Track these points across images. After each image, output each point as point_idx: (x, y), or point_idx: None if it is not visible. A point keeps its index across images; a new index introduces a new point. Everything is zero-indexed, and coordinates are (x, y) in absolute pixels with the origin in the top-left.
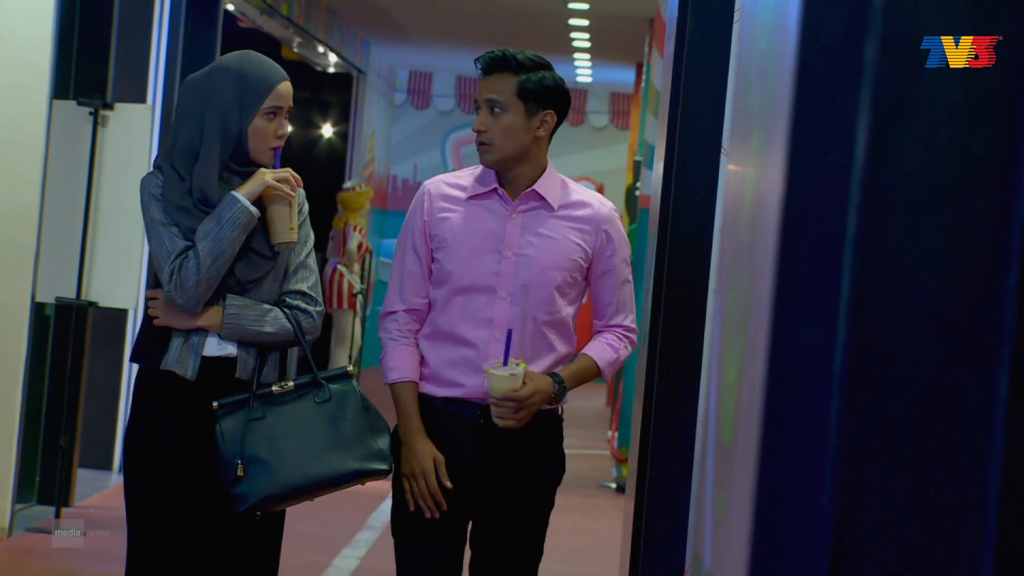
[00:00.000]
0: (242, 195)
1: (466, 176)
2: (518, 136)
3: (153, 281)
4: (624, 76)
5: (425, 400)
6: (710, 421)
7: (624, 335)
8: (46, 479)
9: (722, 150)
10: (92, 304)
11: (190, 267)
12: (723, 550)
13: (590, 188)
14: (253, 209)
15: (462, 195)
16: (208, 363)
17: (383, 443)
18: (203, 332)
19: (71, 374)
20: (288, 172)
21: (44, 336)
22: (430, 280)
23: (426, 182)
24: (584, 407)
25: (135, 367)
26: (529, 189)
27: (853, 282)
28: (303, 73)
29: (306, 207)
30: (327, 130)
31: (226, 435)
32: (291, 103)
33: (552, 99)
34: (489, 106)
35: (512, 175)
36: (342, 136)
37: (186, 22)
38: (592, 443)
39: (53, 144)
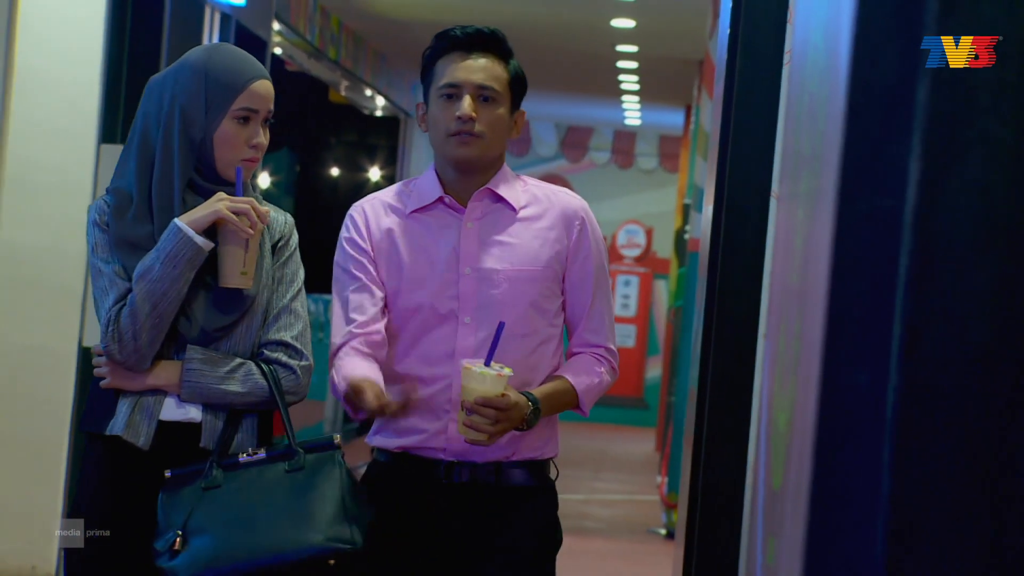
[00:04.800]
0: (186, 223)
1: (399, 190)
2: (505, 133)
3: None
4: (673, 119)
5: (379, 461)
6: (760, 467)
7: (603, 357)
8: None
9: (772, 193)
10: None
11: (126, 315)
12: None
13: (639, 232)
14: (198, 240)
15: (402, 209)
16: (167, 429)
17: (360, 521)
18: (160, 391)
19: None
20: (248, 204)
21: (90, 381)
22: (382, 294)
23: (354, 205)
24: (633, 452)
25: None
26: (482, 188)
27: (904, 326)
28: (350, 116)
29: (294, 239)
30: (374, 173)
31: (168, 503)
32: (271, 107)
33: (522, 96)
34: (479, 93)
35: (469, 180)
36: (389, 179)
37: None
38: (641, 488)
39: (101, 188)
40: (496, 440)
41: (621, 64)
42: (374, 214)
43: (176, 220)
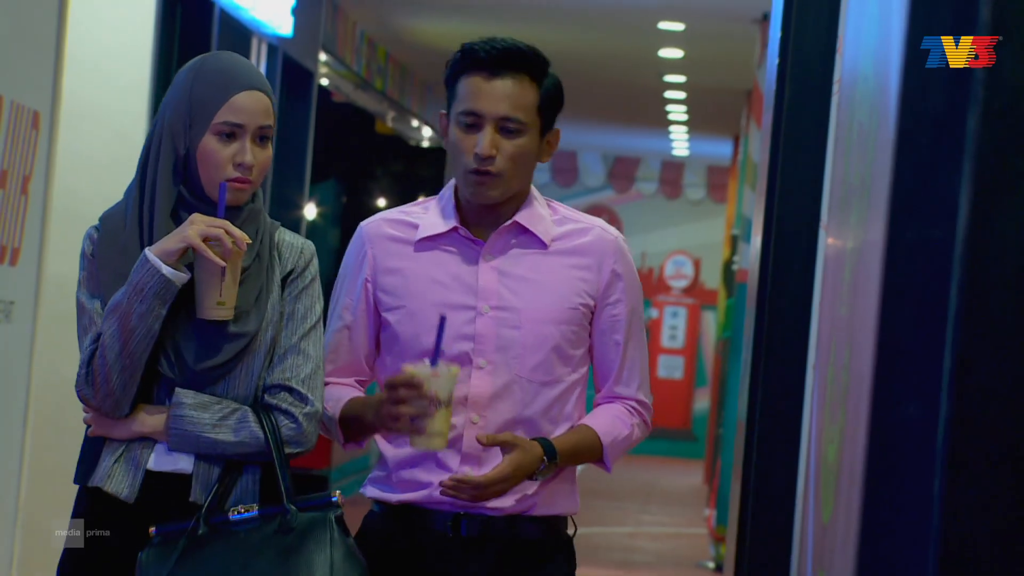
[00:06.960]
0: (157, 253)
1: (415, 211)
2: (531, 164)
3: None
4: (721, 149)
5: (376, 512)
6: (809, 500)
7: (635, 409)
8: None
9: (821, 224)
10: None
11: (99, 356)
12: None
13: (687, 263)
14: (166, 271)
15: (412, 237)
16: (155, 480)
17: None
18: (149, 439)
19: None
20: (222, 227)
21: None
22: (374, 357)
23: (362, 224)
24: (682, 484)
25: None
26: (510, 222)
27: (955, 357)
28: (397, 147)
29: (312, 269)
30: None
31: (147, 567)
32: (266, 123)
33: (557, 112)
34: (502, 124)
35: (491, 211)
36: None
37: (280, 96)
38: (690, 521)
39: None
40: (508, 488)
41: (669, 94)
42: (381, 237)
43: (147, 250)
